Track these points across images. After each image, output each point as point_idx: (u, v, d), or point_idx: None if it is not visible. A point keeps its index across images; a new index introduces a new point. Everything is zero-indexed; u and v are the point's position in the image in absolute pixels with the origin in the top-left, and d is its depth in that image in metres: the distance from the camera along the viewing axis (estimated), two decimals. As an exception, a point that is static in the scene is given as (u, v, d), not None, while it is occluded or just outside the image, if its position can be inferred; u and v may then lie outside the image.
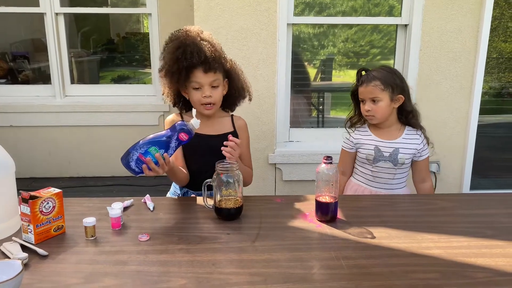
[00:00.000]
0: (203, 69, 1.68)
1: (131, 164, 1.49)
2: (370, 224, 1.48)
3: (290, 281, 1.14)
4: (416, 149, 1.96)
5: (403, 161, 1.94)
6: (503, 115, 3.59)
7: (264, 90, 3.03)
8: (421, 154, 1.98)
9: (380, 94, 1.89)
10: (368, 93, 1.91)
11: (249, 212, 1.56)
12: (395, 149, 1.94)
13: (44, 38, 3.93)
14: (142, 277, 1.16)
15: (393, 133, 1.98)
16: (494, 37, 3.19)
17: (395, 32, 3.12)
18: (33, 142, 3.98)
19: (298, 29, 3.21)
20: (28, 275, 1.15)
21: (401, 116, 1.99)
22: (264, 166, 3.16)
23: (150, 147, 1.49)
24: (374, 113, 1.92)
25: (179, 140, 1.52)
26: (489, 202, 1.74)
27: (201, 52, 1.65)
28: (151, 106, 3.95)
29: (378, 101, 1.90)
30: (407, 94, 1.95)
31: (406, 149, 1.95)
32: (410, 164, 2.00)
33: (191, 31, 1.74)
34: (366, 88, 1.91)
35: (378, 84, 1.89)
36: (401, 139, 1.97)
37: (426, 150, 1.99)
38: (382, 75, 1.91)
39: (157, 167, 1.50)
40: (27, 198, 1.31)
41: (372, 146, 1.97)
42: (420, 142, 1.97)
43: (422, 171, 2.02)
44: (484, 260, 1.25)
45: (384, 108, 1.91)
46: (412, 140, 1.96)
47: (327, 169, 1.48)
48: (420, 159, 1.99)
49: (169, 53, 1.70)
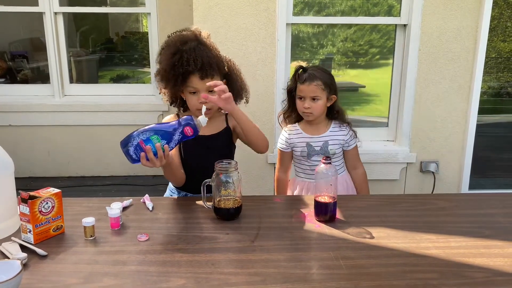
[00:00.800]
0: (200, 76, 1.66)
1: (130, 149, 1.45)
2: (369, 224, 1.49)
3: (289, 281, 1.14)
4: (344, 139, 2.10)
5: (334, 151, 2.08)
6: (502, 115, 3.59)
7: (263, 90, 3.03)
8: (349, 144, 2.12)
9: (320, 93, 2.01)
10: (310, 92, 2.01)
11: (248, 212, 1.57)
12: (324, 142, 2.08)
13: (43, 38, 3.92)
14: (142, 277, 1.16)
15: (321, 128, 2.12)
16: (493, 37, 3.19)
17: (394, 32, 3.12)
18: (32, 142, 3.98)
19: (297, 29, 3.21)
20: (28, 275, 1.15)
21: (329, 113, 2.13)
22: (263, 165, 3.16)
23: (152, 135, 1.46)
24: (313, 111, 2.03)
25: (183, 134, 1.49)
26: (487, 202, 1.75)
27: (197, 58, 1.64)
28: (150, 105, 3.95)
29: (318, 100, 2.02)
30: (337, 94, 2.10)
31: (334, 140, 2.09)
32: (341, 154, 2.14)
33: (189, 35, 1.71)
34: (309, 87, 2.01)
35: (320, 84, 2.01)
36: (328, 132, 2.11)
37: (353, 140, 2.14)
38: (322, 76, 2.03)
39: (155, 159, 1.47)
40: (26, 198, 1.31)
41: (304, 143, 2.10)
42: (346, 133, 2.11)
43: (352, 159, 2.17)
44: (482, 260, 1.26)
45: (321, 106, 2.04)
46: (338, 133, 2.11)
47: (326, 169, 1.49)
48: (349, 148, 2.14)
49: (166, 58, 1.69)
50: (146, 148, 1.45)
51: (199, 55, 1.64)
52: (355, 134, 2.15)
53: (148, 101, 3.98)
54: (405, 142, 3.16)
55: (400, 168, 3.19)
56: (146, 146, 1.45)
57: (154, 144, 1.46)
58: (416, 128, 3.13)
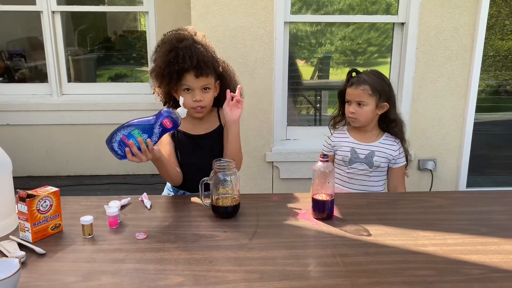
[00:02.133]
0: (195, 74, 1.66)
1: (114, 145, 1.48)
2: (366, 222, 1.49)
3: (287, 278, 1.15)
4: (392, 155, 1.97)
5: (379, 164, 1.96)
6: (500, 113, 3.60)
7: (261, 88, 3.03)
8: (396, 162, 1.99)
9: (367, 99, 1.91)
10: (355, 96, 1.92)
11: (246, 210, 1.57)
12: (370, 152, 1.96)
13: (40, 37, 3.92)
14: (140, 275, 1.16)
15: (370, 136, 2.01)
16: (491, 35, 3.20)
17: (392, 30, 3.13)
18: (30, 141, 3.98)
19: (295, 27, 3.21)
20: (26, 274, 1.15)
21: (382, 123, 2.01)
22: (261, 164, 3.17)
23: (133, 129, 1.48)
24: (358, 116, 1.94)
25: (163, 126, 1.50)
26: (484, 200, 1.76)
27: (193, 56, 1.63)
28: (148, 104, 3.92)
29: (364, 105, 1.92)
30: (393, 102, 1.97)
31: (382, 153, 1.96)
32: (386, 170, 2.01)
33: (185, 34, 1.71)
34: (355, 91, 1.92)
35: (367, 88, 1.90)
36: (377, 143, 1.99)
37: (402, 159, 2.00)
38: (372, 80, 1.92)
39: (140, 153, 1.48)
40: (24, 196, 1.31)
41: (349, 148, 1.99)
42: (396, 149, 1.98)
43: (395, 179, 2.02)
44: (479, 257, 1.26)
45: (368, 112, 1.93)
46: (388, 146, 1.98)
47: (324, 167, 1.49)
48: (395, 166, 2.00)
49: (161, 56, 1.68)
50: (129, 143, 1.46)
51: (195, 53, 1.64)
52: (407, 153, 2.01)
53: (146, 100, 3.98)
54: (403, 140, 3.16)
55: (398, 166, 3.20)
56: (129, 141, 1.46)
57: (136, 139, 1.47)
58: (413, 126, 3.14)
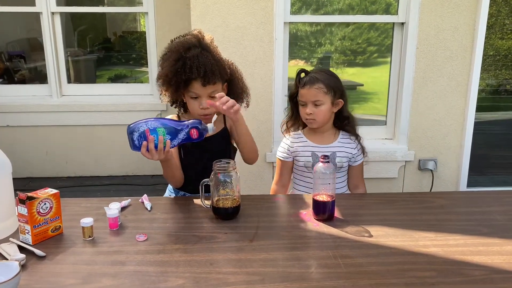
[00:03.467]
0: (202, 82, 1.65)
1: (134, 135, 1.49)
2: (367, 223, 1.49)
3: (288, 280, 1.14)
4: (351, 153, 1.95)
5: (342, 165, 1.94)
6: (500, 112, 3.59)
7: (261, 88, 3.03)
8: (355, 159, 1.98)
9: (322, 98, 1.86)
10: (311, 96, 1.87)
11: (247, 211, 1.57)
12: (332, 153, 1.92)
13: (40, 38, 3.91)
14: (140, 277, 1.16)
15: (328, 137, 1.97)
16: (491, 34, 3.20)
17: (392, 30, 3.12)
18: (30, 142, 3.97)
19: (295, 27, 3.21)
20: (26, 276, 1.15)
21: (336, 121, 1.98)
22: (261, 165, 3.16)
23: (159, 127, 1.50)
24: (316, 117, 1.89)
25: (188, 135, 1.52)
26: (485, 200, 1.75)
27: (200, 66, 1.62)
28: (148, 105, 3.95)
29: (320, 105, 1.87)
30: (346, 98, 1.94)
31: (342, 152, 1.94)
32: (347, 168, 2.00)
33: (192, 41, 1.68)
34: (309, 91, 1.87)
35: (322, 86, 1.86)
36: (336, 143, 1.96)
37: (360, 156, 1.99)
38: (325, 78, 1.88)
39: (155, 151, 1.49)
40: (24, 199, 1.30)
41: (309, 153, 1.94)
42: (354, 147, 1.96)
43: (355, 176, 2.01)
44: (480, 258, 1.26)
45: (325, 112, 1.89)
46: (347, 145, 1.96)
47: (325, 168, 1.49)
48: (355, 164, 1.99)
49: (169, 65, 1.66)
50: (149, 137, 1.48)
51: (202, 63, 1.62)
52: (363, 149, 2.00)
53: (146, 101, 3.98)
54: (403, 140, 3.16)
55: (398, 166, 3.19)
56: (150, 136, 1.48)
57: (158, 136, 1.48)
58: (414, 126, 3.13)
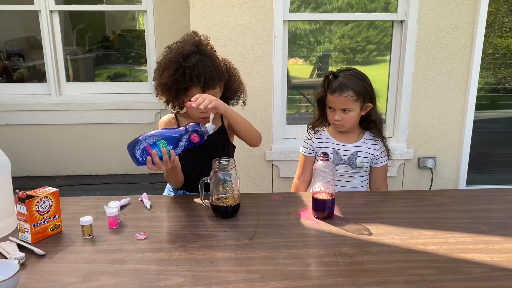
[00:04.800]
0: (201, 88, 1.64)
1: (136, 153, 1.49)
2: (367, 221, 1.49)
3: (288, 278, 1.14)
4: (374, 154, 1.93)
5: (362, 165, 1.91)
6: (499, 111, 3.60)
7: (260, 87, 3.03)
8: (377, 161, 1.94)
9: (352, 105, 1.84)
10: (340, 104, 1.84)
11: (246, 209, 1.56)
12: (353, 153, 1.91)
13: (39, 36, 3.91)
14: (140, 275, 1.16)
15: (352, 137, 1.95)
16: (490, 33, 3.19)
17: (391, 28, 3.12)
18: (29, 141, 3.97)
19: (294, 25, 3.21)
20: (25, 275, 1.15)
21: (363, 122, 1.96)
22: (261, 163, 3.16)
23: (159, 140, 1.49)
24: (344, 123, 1.87)
25: (189, 140, 1.52)
26: (485, 198, 1.75)
27: (200, 74, 1.61)
28: (147, 103, 3.94)
29: (350, 111, 1.85)
30: (375, 102, 1.92)
31: (364, 153, 1.92)
32: (369, 170, 1.97)
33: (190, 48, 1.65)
34: (339, 98, 1.83)
35: (351, 94, 1.82)
36: (360, 143, 1.94)
37: (384, 158, 1.95)
38: (355, 85, 1.84)
39: (161, 163, 1.49)
40: (23, 197, 1.30)
41: (331, 150, 1.93)
42: (378, 149, 1.93)
43: (377, 178, 1.98)
44: (480, 255, 1.26)
45: (354, 118, 1.87)
46: (370, 146, 1.93)
47: (324, 166, 1.48)
48: (377, 166, 1.96)
49: (169, 75, 1.64)
50: (152, 152, 1.47)
51: (202, 71, 1.61)
52: (388, 152, 1.95)
53: (145, 99, 3.97)
54: (402, 139, 3.16)
55: (397, 165, 3.20)
56: (152, 151, 1.47)
57: (160, 149, 1.48)
58: (413, 124, 3.13)
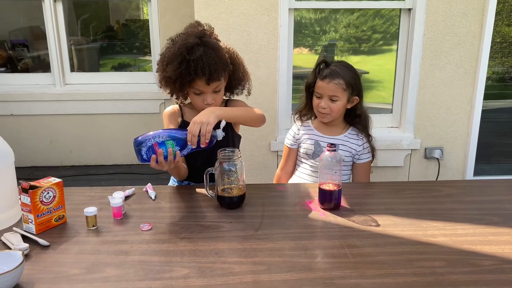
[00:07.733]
0: (206, 81, 1.63)
1: (142, 149, 1.46)
2: (374, 212, 1.47)
3: (294, 270, 1.13)
4: (355, 150, 1.91)
5: (343, 159, 1.85)
6: (507, 100, 3.56)
7: (266, 76, 3.00)
8: (359, 157, 1.93)
9: (340, 94, 1.83)
10: (329, 90, 1.83)
11: (252, 200, 1.55)
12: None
13: (43, 26, 3.89)
14: (145, 267, 1.15)
15: (336, 130, 1.94)
16: (498, 21, 3.13)
17: (399, 17, 3.07)
18: (34, 131, 3.97)
19: (299, 14, 3.16)
20: (29, 266, 1.14)
21: (348, 116, 1.94)
22: (266, 153, 3.15)
23: (168, 140, 1.47)
24: (330, 112, 1.86)
25: (198, 144, 1.50)
26: (493, 189, 1.73)
27: (205, 67, 1.59)
28: (151, 93, 3.93)
29: (337, 100, 1.84)
30: (361, 96, 1.90)
31: (346, 147, 1.91)
32: (351, 164, 1.96)
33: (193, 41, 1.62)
34: (328, 85, 1.83)
35: (342, 83, 1.82)
36: (342, 136, 1.93)
37: (367, 155, 1.94)
38: (346, 74, 1.83)
39: (165, 162, 1.47)
40: (27, 188, 1.29)
41: (312, 141, 1.93)
42: (360, 145, 1.92)
43: (359, 175, 1.96)
44: (490, 247, 1.24)
45: (340, 108, 1.86)
46: (352, 140, 1.92)
47: (331, 156, 1.46)
48: (359, 162, 1.94)
49: (173, 68, 1.62)
50: (158, 151, 1.46)
51: (207, 63, 1.59)
52: (372, 149, 1.95)
53: (150, 89, 3.96)
54: (409, 129, 3.13)
55: (404, 155, 3.17)
56: (159, 150, 1.46)
57: (167, 149, 1.46)
58: (420, 114, 3.10)
